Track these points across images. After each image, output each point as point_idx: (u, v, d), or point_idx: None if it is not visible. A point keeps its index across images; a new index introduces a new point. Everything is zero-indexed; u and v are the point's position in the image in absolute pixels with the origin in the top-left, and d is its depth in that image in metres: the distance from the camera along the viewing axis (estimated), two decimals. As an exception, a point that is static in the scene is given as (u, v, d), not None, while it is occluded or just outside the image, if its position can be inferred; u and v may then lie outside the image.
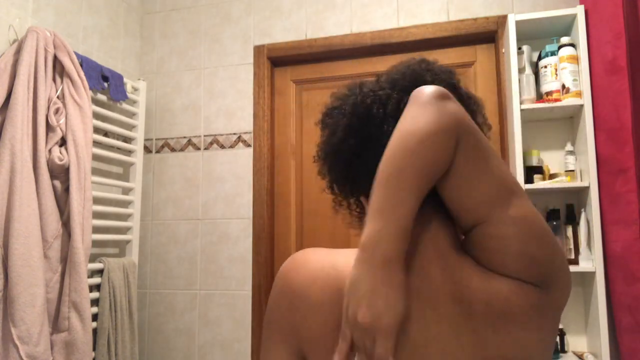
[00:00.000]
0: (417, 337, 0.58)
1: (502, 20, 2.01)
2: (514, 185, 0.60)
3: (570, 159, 1.86)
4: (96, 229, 1.95)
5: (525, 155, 1.86)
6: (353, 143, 0.69)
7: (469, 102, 0.69)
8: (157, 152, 2.40)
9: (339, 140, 0.70)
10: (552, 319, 0.61)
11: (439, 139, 0.55)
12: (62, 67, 1.77)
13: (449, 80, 0.70)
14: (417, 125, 0.56)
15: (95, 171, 2.08)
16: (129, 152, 2.26)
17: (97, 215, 1.93)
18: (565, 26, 1.89)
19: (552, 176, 1.84)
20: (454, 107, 0.58)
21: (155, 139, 2.41)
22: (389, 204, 0.56)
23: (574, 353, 1.80)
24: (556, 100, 1.82)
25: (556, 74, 1.83)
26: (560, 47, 1.83)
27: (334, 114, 0.74)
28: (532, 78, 1.88)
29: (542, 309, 0.58)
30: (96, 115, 1.99)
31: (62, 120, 1.73)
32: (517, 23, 1.83)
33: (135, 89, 2.29)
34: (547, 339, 0.60)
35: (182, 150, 2.37)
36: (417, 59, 0.73)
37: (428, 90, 0.59)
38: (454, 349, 0.58)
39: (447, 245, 0.63)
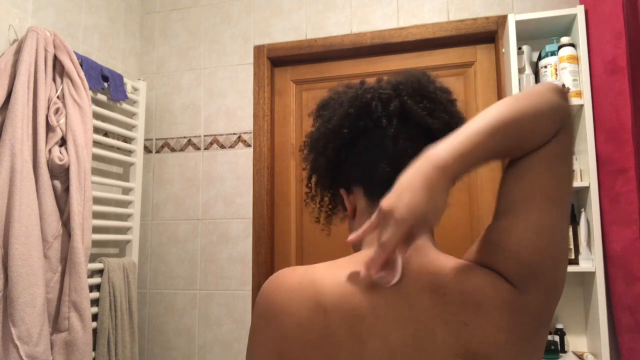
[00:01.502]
0: (394, 338, 0.58)
1: (502, 20, 2.01)
2: (561, 196, 0.60)
3: (570, 159, 1.86)
4: (96, 229, 1.95)
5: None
6: (347, 132, 0.70)
7: (458, 121, 0.72)
8: (157, 152, 2.40)
9: (334, 127, 0.71)
10: (527, 324, 0.59)
11: (561, 115, 0.58)
12: (62, 67, 1.77)
13: (447, 97, 0.73)
14: (552, 95, 0.59)
15: (95, 171, 2.08)
16: (129, 152, 2.26)
17: (97, 215, 1.93)
18: (565, 26, 1.89)
19: (552, 176, 1.84)
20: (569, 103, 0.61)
21: (155, 139, 2.41)
22: (475, 128, 0.56)
23: (574, 353, 1.80)
24: (556, 100, 1.81)
25: (556, 74, 1.83)
26: (560, 47, 1.83)
27: (331, 105, 0.75)
28: (532, 78, 1.88)
29: (515, 309, 0.58)
30: (96, 115, 1.99)
31: (62, 120, 1.73)
32: (517, 23, 1.83)
33: (135, 89, 2.29)
34: (519, 343, 0.58)
35: (182, 150, 2.37)
36: (419, 70, 0.75)
37: (553, 83, 0.63)
38: (429, 347, 0.58)
39: (427, 241, 0.66)
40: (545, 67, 1.86)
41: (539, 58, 1.91)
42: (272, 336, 0.61)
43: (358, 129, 0.70)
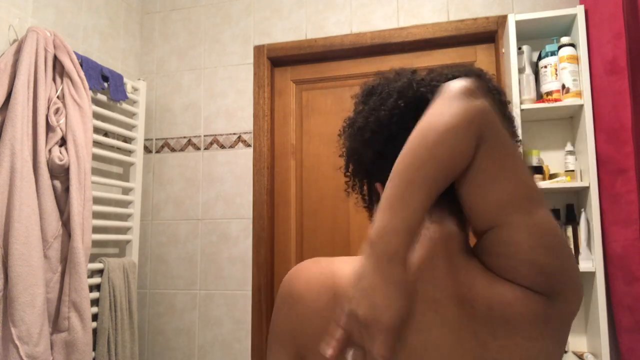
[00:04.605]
0: (416, 341, 0.57)
1: (502, 20, 2.01)
2: (535, 193, 0.58)
3: (570, 159, 1.86)
4: (96, 229, 1.95)
5: (526, 155, 1.86)
6: (395, 127, 0.66)
7: (510, 124, 0.69)
8: (157, 152, 2.40)
9: (382, 118, 0.67)
10: (558, 330, 0.59)
11: (459, 134, 0.53)
12: (62, 67, 1.77)
13: (500, 97, 0.70)
14: (438, 119, 0.54)
15: (95, 171, 2.08)
16: (129, 152, 2.26)
17: (97, 215, 1.93)
18: (565, 26, 1.89)
19: (552, 176, 1.84)
20: (480, 103, 0.55)
21: (155, 139, 2.41)
22: (400, 199, 0.54)
23: (574, 353, 1.80)
24: (556, 100, 1.82)
25: (556, 74, 1.83)
26: (560, 47, 1.83)
27: (378, 91, 0.70)
28: (532, 78, 1.88)
29: (546, 319, 0.57)
30: (96, 115, 1.99)
31: (62, 120, 1.73)
32: (517, 23, 1.83)
33: (135, 89, 2.29)
34: (550, 349, 0.58)
35: (182, 150, 2.37)
36: (476, 68, 0.72)
37: (456, 84, 0.57)
38: (453, 355, 0.57)
39: (458, 248, 0.62)
40: (545, 67, 1.86)
41: (539, 58, 1.91)
42: (290, 320, 0.63)
43: (405, 124, 0.64)
